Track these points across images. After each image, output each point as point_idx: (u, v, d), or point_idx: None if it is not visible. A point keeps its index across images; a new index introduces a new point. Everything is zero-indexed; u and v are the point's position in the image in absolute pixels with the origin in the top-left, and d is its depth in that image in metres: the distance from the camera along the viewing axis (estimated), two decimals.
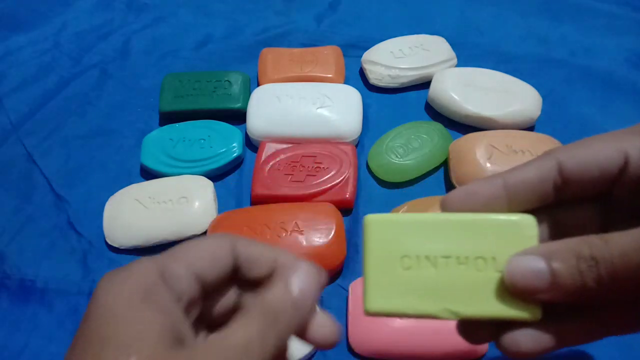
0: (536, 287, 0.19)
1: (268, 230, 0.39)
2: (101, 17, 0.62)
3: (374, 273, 0.22)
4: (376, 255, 0.22)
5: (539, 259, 0.20)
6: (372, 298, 0.21)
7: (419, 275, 0.21)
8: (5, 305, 0.39)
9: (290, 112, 0.47)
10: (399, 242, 0.22)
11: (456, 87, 0.48)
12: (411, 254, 0.21)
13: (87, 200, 0.45)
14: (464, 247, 0.21)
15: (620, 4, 0.61)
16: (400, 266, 0.21)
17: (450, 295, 0.21)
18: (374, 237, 0.22)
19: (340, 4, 0.62)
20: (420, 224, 0.22)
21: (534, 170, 0.22)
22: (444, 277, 0.21)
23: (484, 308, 0.21)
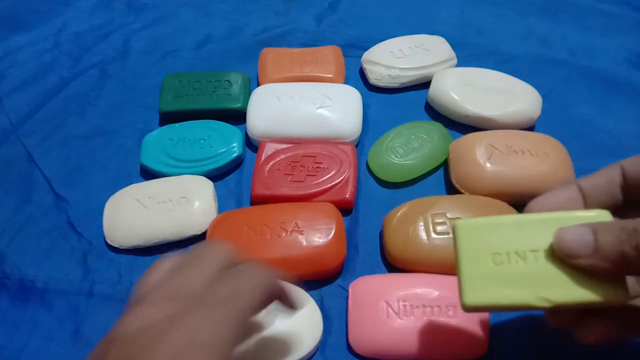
0: (579, 252, 0.22)
1: (268, 230, 0.39)
2: (101, 17, 0.62)
3: (469, 270, 0.24)
4: (469, 254, 0.24)
5: (587, 230, 0.22)
6: (469, 292, 0.23)
7: (510, 268, 0.23)
8: (5, 305, 0.39)
9: (290, 112, 0.47)
10: (489, 242, 0.24)
11: (456, 87, 0.48)
12: (502, 251, 0.24)
13: (87, 200, 0.45)
14: (549, 240, 0.23)
15: (620, 4, 0.61)
16: (493, 262, 0.24)
17: (542, 285, 0.23)
18: (465, 239, 0.24)
19: (340, 4, 0.62)
20: (506, 224, 0.24)
21: (603, 175, 0.26)
22: (534, 268, 0.23)
23: (575, 294, 0.23)
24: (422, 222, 0.38)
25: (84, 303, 0.39)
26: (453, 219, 0.38)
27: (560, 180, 0.41)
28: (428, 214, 0.38)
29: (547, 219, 0.24)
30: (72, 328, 0.37)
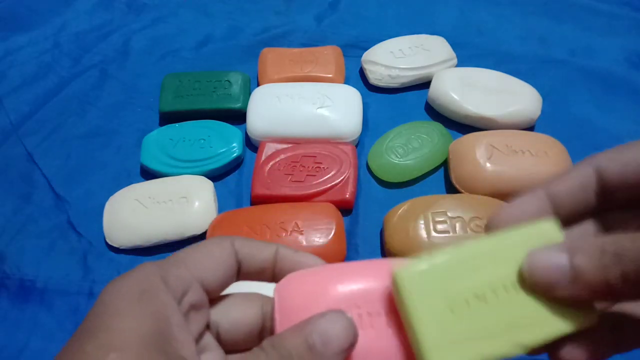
0: (557, 282, 0.19)
1: (268, 230, 0.39)
2: (101, 17, 0.62)
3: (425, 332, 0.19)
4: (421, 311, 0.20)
5: (560, 253, 0.19)
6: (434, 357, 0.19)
7: (473, 316, 0.20)
8: (5, 305, 0.39)
9: (290, 112, 0.47)
10: (442, 289, 0.20)
11: (456, 87, 0.48)
12: (458, 298, 0.20)
13: (87, 200, 0.45)
14: (506, 272, 0.20)
15: (620, 4, 0.61)
16: (451, 313, 0.20)
17: (511, 328, 0.20)
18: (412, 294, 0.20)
19: (340, 4, 0.63)
20: (453, 263, 0.20)
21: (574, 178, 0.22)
22: (498, 309, 0.20)
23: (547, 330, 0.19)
24: (422, 220, 0.38)
25: (84, 303, 0.39)
26: (454, 217, 0.38)
27: None
28: (428, 212, 0.38)
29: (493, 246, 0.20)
30: (72, 328, 0.37)
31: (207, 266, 0.21)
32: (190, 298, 0.20)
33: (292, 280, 0.22)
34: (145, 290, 0.19)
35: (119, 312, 0.18)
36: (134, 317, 0.18)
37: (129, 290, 0.19)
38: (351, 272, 0.23)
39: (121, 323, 0.18)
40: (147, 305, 0.19)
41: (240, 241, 0.23)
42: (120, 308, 0.19)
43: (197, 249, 0.22)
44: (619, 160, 0.21)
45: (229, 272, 0.22)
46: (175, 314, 0.19)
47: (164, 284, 0.20)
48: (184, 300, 0.20)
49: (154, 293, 0.19)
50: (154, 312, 0.19)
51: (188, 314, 0.20)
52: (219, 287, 0.22)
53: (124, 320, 0.18)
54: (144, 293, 0.19)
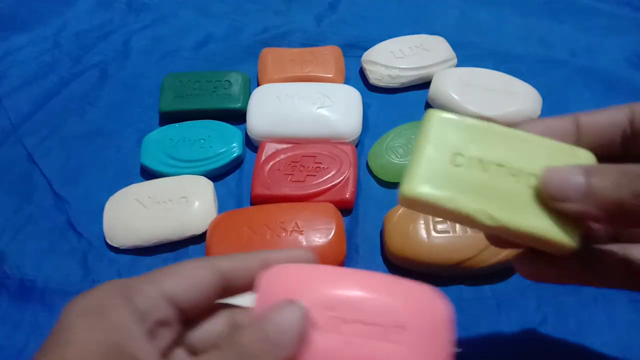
0: (569, 196, 0.19)
1: (268, 230, 0.39)
2: (101, 17, 0.62)
3: (422, 160, 0.20)
4: (429, 144, 0.21)
5: (578, 172, 0.19)
6: (412, 182, 0.20)
7: (467, 174, 0.20)
8: (5, 305, 0.39)
9: (290, 112, 0.47)
10: (456, 140, 0.21)
11: (456, 87, 0.48)
12: (465, 153, 0.21)
13: (87, 200, 0.45)
14: (520, 161, 0.20)
15: (620, 4, 0.61)
16: (451, 161, 0.20)
17: (492, 201, 0.20)
18: (431, 127, 0.21)
19: (340, 4, 0.63)
20: (483, 129, 0.21)
21: (607, 114, 0.22)
22: (492, 183, 0.20)
23: (522, 221, 0.20)
24: (422, 220, 0.38)
25: None
26: None
27: None
28: None
29: (526, 138, 0.21)
30: None
31: (178, 283, 0.21)
32: (156, 314, 0.20)
33: (277, 271, 0.23)
34: (103, 306, 0.19)
35: (74, 327, 0.19)
36: (89, 331, 0.19)
37: (86, 307, 0.19)
38: (339, 276, 0.23)
39: (76, 337, 0.18)
40: (103, 320, 0.19)
41: (224, 258, 0.23)
42: (75, 323, 0.19)
43: (170, 267, 0.22)
44: None
45: (205, 289, 0.22)
46: (133, 327, 0.19)
47: (124, 300, 0.20)
48: (149, 317, 0.20)
49: (111, 308, 0.19)
50: (110, 326, 0.19)
51: (155, 329, 0.20)
52: (194, 304, 0.21)
53: (79, 335, 0.18)
54: (101, 308, 0.19)
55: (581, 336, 0.35)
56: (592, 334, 0.35)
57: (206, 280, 0.22)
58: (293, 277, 0.22)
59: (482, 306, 0.37)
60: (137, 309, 0.20)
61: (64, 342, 0.18)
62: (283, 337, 0.19)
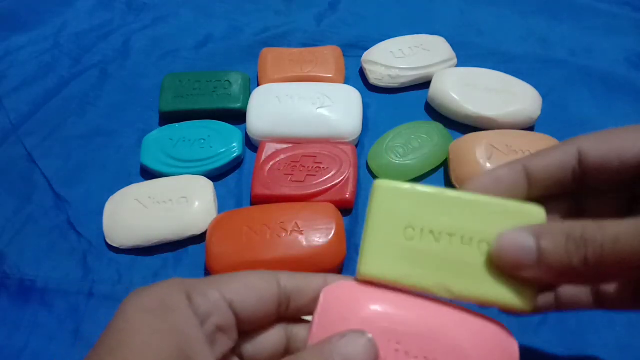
0: (522, 263, 0.19)
1: (268, 230, 0.39)
2: (101, 17, 0.62)
3: (375, 237, 0.21)
4: (380, 220, 0.21)
5: (528, 236, 0.19)
6: (368, 261, 0.21)
7: (420, 247, 0.21)
8: (5, 305, 0.39)
9: (290, 112, 0.47)
10: (406, 212, 0.21)
11: (456, 87, 0.48)
12: (416, 226, 0.21)
13: (87, 200, 0.45)
14: (470, 228, 0.21)
15: (620, 4, 0.61)
16: (403, 236, 0.21)
17: (448, 273, 0.20)
18: (380, 202, 0.21)
19: (340, 4, 0.63)
20: (430, 197, 0.21)
21: (554, 157, 0.22)
22: (445, 254, 0.21)
23: (479, 290, 0.20)
24: None
25: (84, 303, 0.39)
26: None
27: None
28: None
29: (474, 202, 0.21)
30: (72, 328, 0.37)
31: (240, 291, 0.21)
32: (216, 319, 0.20)
33: (342, 287, 0.22)
34: (165, 305, 0.19)
35: (138, 328, 0.18)
36: (152, 333, 0.18)
37: (149, 305, 0.19)
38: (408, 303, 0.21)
39: (140, 339, 0.18)
40: (165, 321, 0.18)
41: (287, 275, 0.22)
42: (139, 323, 0.18)
43: (234, 274, 0.22)
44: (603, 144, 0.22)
45: (266, 301, 0.21)
46: (195, 331, 0.19)
47: (187, 300, 0.19)
48: (209, 320, 0.20)
49: (174, 308, 0.19)
50: (172, 329, 0.18)
51: (214, 334, 0.20)
52: (253, 314, 0.21)
53: (143, 337, 0.18)
54: (162, 307, 0.19)
55: (581, 336, 0.35)
56: (592, 334, 0.35)
57: (267, 292, 0.21)
58: (358, 296, 0.21)
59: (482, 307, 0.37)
60: (199, 311, 0.19)
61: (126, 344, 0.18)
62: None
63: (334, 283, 0.22)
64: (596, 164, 0.22)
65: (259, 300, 0.21)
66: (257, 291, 0.21)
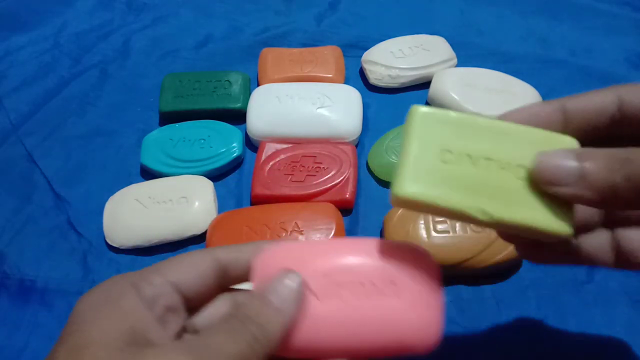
0: (563, 180, 0.19)
1: (268, 230, 0.39)
2: (101, 17, 0.62)
3: (411, 159, 0.20)
4: (416, 143, 0.21)
5: (571, 157, 0.20)
6: (403, 182, 0.20)
7: (457, 170, 0.20)
8: (5, 305, 0.39)
9: (290, 112, 0.47)
10: (442, 136, 0.21)
11: (456, 87, 0.48)
12: (453, 149, 0.21)
13: (87, 200, 0.45)
14: (508, 153, 0.21)
15: (620, 4, 0.61)
16: (440, 159, 0.21)
17: (486, 196, 0.20)
18: (417, 126, 0.21)
19: (340, 4, 0.63)
20: (467, 123, 0.21)
21: (594, 100, 0.22)
22: (483, 177, 0.20)
23: (518, 214, 0.20)
24: (422, 220, 0.38)
25: None
26: None
27: None
28: None
29: (511, 130, 0.21)
30: None
31: (182, 272, 0.22)
32: (163, 300, 0.21)
33: (271, 250, 0.24)
34: (113, 296, 0.20)
35: (88, 317, 0.19)
36: (102, 318, 0.19)
37: (97, 297, 0.20)
38: (328, 246, 0.24)
39: (89, 326, 0.19)
40: (115, 307, 0.20)
41: (222, 249, 0.24)
42: (88, 314, 0.20)
43: (174, 258, 0.23)
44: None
45: (206, 277, 0.23)
46: (145, 313, 0.20)
47: (133, 289, 0.21)
48: (157, 303, 0.21)
49: (122, 296, 0.20)
50: (123, 313, 0.20)
51: (164, 315, 0.21)
52: (197, 291, 0.23)
53: (93, 324, 0.19)
54: (111, 298, 0.20)
55: (581, 336, 0.35)
56: (592, 334, 0.35)
57: (207, 269, 0.23)
58: (286, 253, 0.24)
59: (482, 306, 0.37)
60: (146, 296, 0.21)
61: (78, 331, 0.19)
62: (284, 303, 0.21)
63: (265, 248, 0.24)
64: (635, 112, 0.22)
65: (199, 276, 0.22)
66: (197, 268, 0.22)
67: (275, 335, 0.21)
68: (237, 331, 0.20)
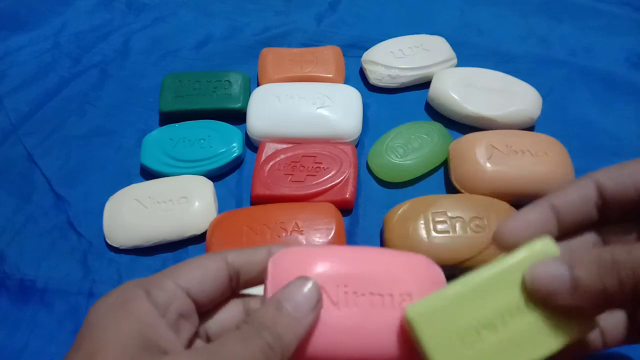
0: (558, 291, 0.20)
1: (268, 230, 0.39)
2: (101, 17, 0.62)
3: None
4: (435, 345, 0.21)
5: (561, 265, 0.20)
6: None
7: (484, 346, 0.21)
8: (5, 305, 0.39)
9: (290, 112, 0.47)
10: (452, 322, 0.21)
11: (456, 87, 0.48)
12: (469, 329, 0.21)
13: (87, 200, 0.45)
14: (510, 298, 0.21)
15: (620, 4, 0.61)
16: (460, 343, 0.21)
17: (522, 349, 0.21)
18: (425, 330, 0.21)
19: (340, 4, 0.63)
20: (461, 297, 0.22)
21: (575, 192, 0.24)
22: (507, 335, 0.21)
23: (554, 344, 0.21)
24: (422, 220, 0.38)
25: (84, 303, 0.39)
26: (454, 217, 0.38)
27: (560, 180, 0.41)
28: (428, 212, 0.38)
29: (498, 274, 0.22)
30: (72, 328, 0.37)
31: (193, 277, 0.22)
32: (176, 306, 0.21)
33: (287, 254, 0.24)
34: (126, 302, 0.20)
35: (101, 324, 0.19)
36: (114, 325, 0.19)
37: (110, 304, 0.20)
38: (344, 253, 0.24)
39: (103, 332, 0.19)
40: (128, 313, 0.20)
41: (233, 253, 0.24)
42: (101, 320, 0.20)
43: (185, 262, 0.23)
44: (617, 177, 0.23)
45: (218, 281, 0.23)
46: (158, 320, 0.20)
47: (145, 294, 0.21)
48: (170, 309, 0.21)
49: (134, 303, 0.20)
50: (135, 319, 0.20)
51: (177, 322, 0.21)
52: (209, 297, 0.22)
53: (106, 329, 0.19)
54: (124, 304, 0.20)
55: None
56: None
57: (218, 273, 0.23)
58: (303, 258, 0.24)
59: None
60: (158, 303, 0.21)
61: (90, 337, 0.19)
62: (300, 311, 0.21)
63: (279, 252, 0.24)
64: (613, 195, 0.23)
65: (211, 281, 0.22)
66: (209, 273, 0.22)
67: (290, 344, 0.20)
68: (252, 340, 0.20)
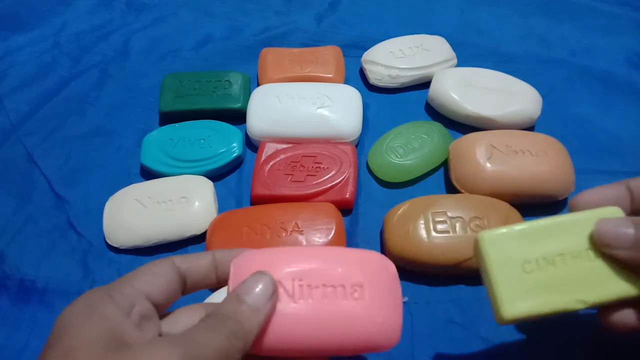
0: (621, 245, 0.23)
1: (268, 230, 0.39)
2: (101, 17, 0.62)
3: (501, 282, 0.24)
4: (498, 266, 0.24)
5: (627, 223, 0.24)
6: (506, 305, 0.24)
7: (541, 275, 0.24)
8: (5, 305, 0.39)
9: (290, 112, 0.47)
10: (516, 251, 0.25)
11: (456, 87, 0.48)
12: (529, 258, 0.24)
13: (87, 200, 0.45)
14: (573, 243, 0.24)
15: (620, 4, 0.61)
16: (523, 271, 0.24)
17: (575, 287, 0.24)
18: (491, 251, 0.25)
19: (340, 4, 0.63)
20: (529, 232, 0.25)
21: None
22: (564, 272, 0.24)
23: (608, 292, 0.24)
24: (422, 220, 0.38)
25: None
26: (454, 217, 0.38)
27: (560, 180, 0.41)
28: (428, 212, 0.38)
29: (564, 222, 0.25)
30: None
31: (150, 282, 0.24)
32: (138, 309, 0.22)
33: (247, 256, 0.26)
34: (92, 306, 0.22)
35: (70, 325, 0.21)
36: (85, 325, 0.21)
37: (77, 308, 0.22)
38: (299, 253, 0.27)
39: (76, 331, 0.20)
40: (95, 315, 0.21)
41: (179, 258, 0.26)
42: (70, 322, 0.21)
43: (140, 269, 0.24)
44: None
45: (172, 285, 0.24)
46: (123, 319, 0.22)
47: (109, 298, 0.22)
48: (133, 312, 0.22)
49: (100, 305, 0.22)
50: (103, 319, 0.21)
51: (140, 323, 0.22)
52: (165, 299, 0.24)
53: (78, 329, 0.21)
54: (91, 308, 0.22)
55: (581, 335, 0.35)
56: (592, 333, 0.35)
57: (170, 277, 0.24)
58: (260, 258, 0.26)
59: (482, 306, 0.37)
60: (122, 305, 0.22)
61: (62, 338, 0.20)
62: (258, 301, 0.23)
63: (241, 254, 0.26)
64: None
65: (165, 284, 0.24)
66: (163, 277, 0.24)
67: (252, 332, 0.22)
68: (217, 329, 0.22)
